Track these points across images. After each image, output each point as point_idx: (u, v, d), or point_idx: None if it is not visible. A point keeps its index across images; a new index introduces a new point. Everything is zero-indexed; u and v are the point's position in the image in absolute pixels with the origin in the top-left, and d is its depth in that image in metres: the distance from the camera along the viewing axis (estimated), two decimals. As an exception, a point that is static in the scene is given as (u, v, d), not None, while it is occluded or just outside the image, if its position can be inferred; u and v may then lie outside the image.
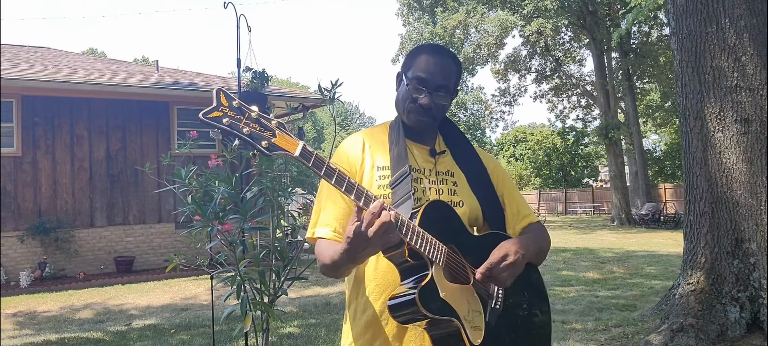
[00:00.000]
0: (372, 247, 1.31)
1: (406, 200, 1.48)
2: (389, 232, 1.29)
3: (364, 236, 1.29)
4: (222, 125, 1.25)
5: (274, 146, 1.27)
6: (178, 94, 11.91)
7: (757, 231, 4.91)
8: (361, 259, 1.38)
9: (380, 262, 1.52)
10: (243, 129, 1.25)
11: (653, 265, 10.41)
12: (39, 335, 6.35)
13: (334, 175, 1.30)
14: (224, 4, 5.29)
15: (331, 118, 4.52)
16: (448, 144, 1.69)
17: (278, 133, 1.27)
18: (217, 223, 3.36)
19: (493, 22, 24.08)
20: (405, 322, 1.45)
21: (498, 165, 1.74)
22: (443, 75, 1.58)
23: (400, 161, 1.56)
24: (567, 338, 5.38)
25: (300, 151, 1.27)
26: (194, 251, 6.37)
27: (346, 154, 1.63)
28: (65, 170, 10.99)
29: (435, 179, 1.61)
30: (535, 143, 38.80)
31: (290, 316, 6.74)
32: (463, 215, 1.58)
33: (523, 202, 1.72)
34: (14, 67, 10.97)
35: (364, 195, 1.31)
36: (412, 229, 1.36)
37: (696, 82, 5.21)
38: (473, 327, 1.44)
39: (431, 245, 1.39)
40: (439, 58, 1.59)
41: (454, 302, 1.42)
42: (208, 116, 1.25)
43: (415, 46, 1.68)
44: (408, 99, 1.59)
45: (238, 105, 1.26)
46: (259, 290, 3.56)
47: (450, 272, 1.45)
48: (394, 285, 1.48)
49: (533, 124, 50.45)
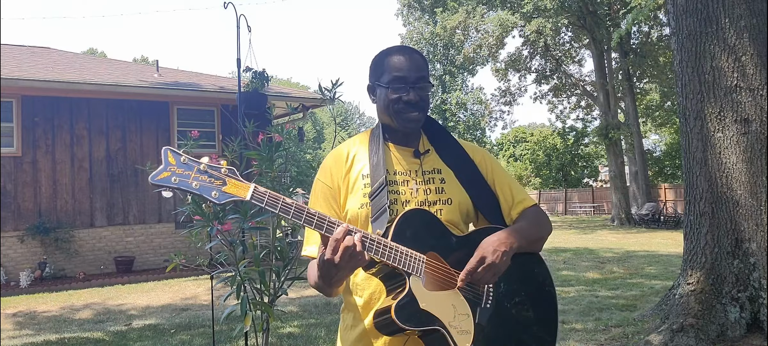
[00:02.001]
0: (342, 272, 1.34)
1: (382, 213, 1.49)
2: (355, 256, 1.31)
3: (331, 262, 1.31)
4: (171, 184, 1.29)
5: (225, 194, 1.31)
6: (178, 94, 11.91)
7: (757, 231, 4.91)
8: (337, 282, 1.40)
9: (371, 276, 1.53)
10: (192, 184, 1.30)
11: (653, 265, 10.41)
12: (39, 335, 6.35)
13: (291, 211, 1.32)
14: (224, 4, 5.29)
15: (331, 118, 4.52)
16: (432, 142, 1.68)
17: (228, 181, 1.32)
18: (217, 223, 3.36)
19: (493, 22, 24.08)
20: (391, 334, 1.46)
21: (485, 155, 1.72)
22: (417, 67, 1.59)
23: (377, 170, 1.56)
24: (567, 338, 5.38)
25: (251, 195, 1.31)
26: (194, 251, 6.36)
27: (328, 169, 1.64)
28: (65, 170, 10.99)
29: (421, 179, 1.61)
30: (535, 143, 38.78)
31: (290, 316, 6.74)
32: (452, 212, 1.58)
33: (517, 187, 1.69)
34: (14, 67, 10.97)
35: (325, 223, 1.34)
36: (384, 245, 1.38)
37: (696, 82, 5.21)
38: (460, 332, 1.44)
39: (406, 258, 1.40)
40: (407, 55, 1.60)
41: (438, 310, 1.42)
42: (156, 179, 1.29)
43: (376, 55, 1.69)
44: (392, 102, 1.58)
45: (185, 161, 1.32)
46: (259, 290, 3.56)
47: (433, 280, 1.45)
48: (384, 296, 1.49)
49: (533, 124, 50.45)
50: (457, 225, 1.58)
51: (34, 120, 10.75)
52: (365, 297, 1.56)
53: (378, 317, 1.45)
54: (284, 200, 1.32)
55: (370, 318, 1.52)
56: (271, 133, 3.86)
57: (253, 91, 5.68)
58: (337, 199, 1.60)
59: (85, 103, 11.19)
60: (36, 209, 10.67)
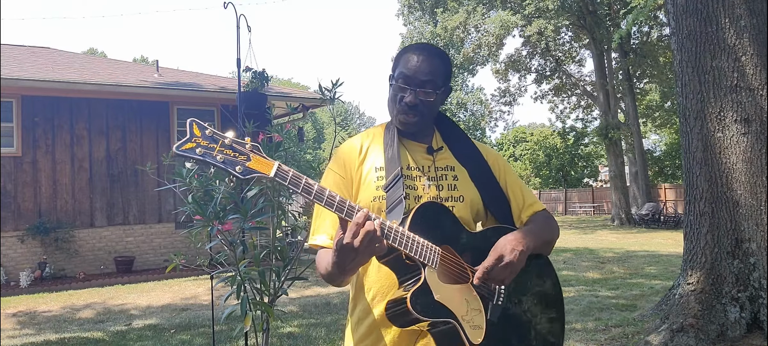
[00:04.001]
0: (360, 257, 1.32)
1: (397, 204, 1.48)
2: (375, 241, 1.29)
3: (350, 247, 1.30)
4: (195, 156, 1.27)
5: (249, 170, 1.29)
6: (178, 94, 11.91)
7: (757, 231, 4.91)
8: (352, 269, 1.38)
9: (382, 266, 1.52)
10: (216, 156, 1.28)
11: (653, 265, 10.41)
12: (39, 335, 6.35)
13: (313, 191, 1.31)
14: (224, 4, 5.29)
15: (331, 118, 4.53)
16: (446, 140, 1.68)
17: (253, 157, 1.30)
18: (217, 222, 3.36)
19: (494, 22, 24.07)
20: (403, 326, 1.45)
21: (498, 157, 1.73)
22: (427, 71, 1.55)
23: (392, 163, 1.56)
24: (567, 338, 5.38)
25: (275, 172, 1.30)
26: (194, 251, 6.36)
27: (342, 159, 1.63)
28: (65, 170, 10.99)
29: (434, 175, 1.61)
30: (535, 143, 38.78)
31: (290, 316, 6.74)
32: (464, 209, 1.58)
33: (527, 191, 1.71)
34: (14, 67, 10.97)
35: (346, 207, 1.32)
36: (402, 234, 1.37)
37: (696, 82, 5.21)
38: (473, 326, 1.44)
39: (423, 248, 1.39)
40: (423, 55, 1.58)
41: (451, 303, 1.42)
42: (181, 149, 1.28)
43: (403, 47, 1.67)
44: (394, 100, 1.58)
45: (210, 133, 1.30)
46: (259, 290, 3.56)
47: (447, 273, 1.45)
48: (395, 289, 1.49)
49: (533, 125, 50.44)
50: (467, 223, 1.58)
51: (34, 120, 10.75)
52: (375, 290, 1.56)
53: (392, 306, 1.44)
54: (306, 180, 1.31)
55: (381, 309, 1.52)
56: (271, 133, 3.86)
57: (253, 91, 5.68)
58: (349, 189, 1.59)
59: (85, 103, 11.19)
60: (36, 209, 10.67)
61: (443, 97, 1.63)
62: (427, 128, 1.66)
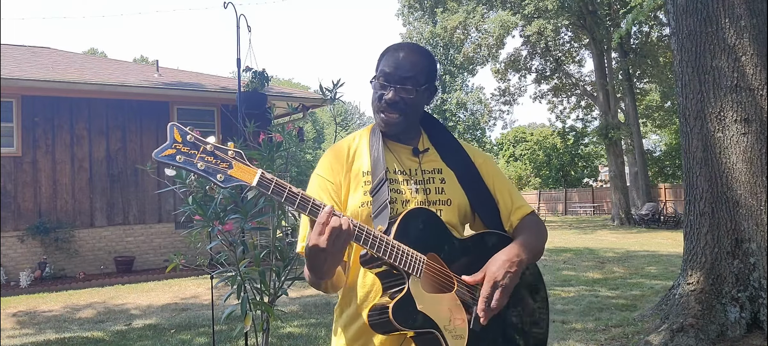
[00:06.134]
0: (329, 255, 1.30)
1: (383, 209, 1.46)
2: (341, 237, 1.28)
3: (317, 248, 1.28)
4: (176, 163, 1.23)
5: (230, 178, 1.26)
6: (178, 94, 11.91)
7: (757, 231, 4.91)
8: (328, 271, 1.36)
9: (368, 272, 1.51)
10: (197, 164, 1.24)
11: (653, 265, 10.41)
12: (39, 334, 6.35)
13: (296, 200, 1.30)
14: (224, 4, 5.29)
15: (332, 118, 4.52)
16: (433, 142, 1.65)
17: (235, 164, 1.27)
18: (218, 223, 3.36)
19: (494, 22, 24.08)
20: (385, 333, 1.44)
21: (487, 159, 1.70)
22: (408, 68, 1.52)
23: (377, 167, 1.53)
24: (567, 338, 5.38)
25: (258, 180, 1.27)
26: (194, 251, 6.37)
27: (329, 164, 1.60)
28: (65, 170, 10.99)
29: (421, 178, 1.58)
30: (535, 143, 38.79)
31: (290, 316, 6.74)
32: (451, 213, 1.56)
33: (515, 193, 1.68)
34: (14, 67, 10.98)
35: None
36: (386, 242, 1.36)
37: (696, 82, 5.21)
38: (455, 336, 1.43)
39: (408, 258, 1.38)
40: (404, 52, 1.55)
41: (434, 313, 1.41)
42: (161, 156, 1.24)
43: None
44: (375, 99, 1.55)
45: (192, 139, 1.25)
46: (260, 290, 3.56)
47: (431, 282, 1.44)
48: (381, 293, 1.47)
49: (533, 125, 50.44)
50: (455, 227, 1.57)
51: (34, 120, 10.76)
52: (362, 294, 1.54)
53: (374, 315, 1.42)
54: (290, 188, 1.29)
55: (366, 314, 1.51)
56: (271, 133, 3.86)
57: (253, 91, 5.67)
58: (339, 194, 1.56)
59: (85, 103, 11.19)
60: (36, 209, 10.67)
61: (426, 96, 1.59)
62: (412, 129, 1.62)
